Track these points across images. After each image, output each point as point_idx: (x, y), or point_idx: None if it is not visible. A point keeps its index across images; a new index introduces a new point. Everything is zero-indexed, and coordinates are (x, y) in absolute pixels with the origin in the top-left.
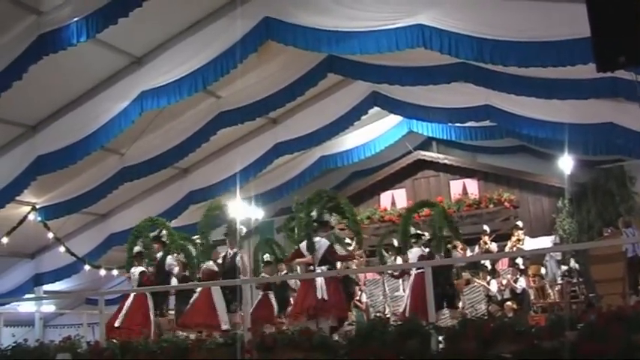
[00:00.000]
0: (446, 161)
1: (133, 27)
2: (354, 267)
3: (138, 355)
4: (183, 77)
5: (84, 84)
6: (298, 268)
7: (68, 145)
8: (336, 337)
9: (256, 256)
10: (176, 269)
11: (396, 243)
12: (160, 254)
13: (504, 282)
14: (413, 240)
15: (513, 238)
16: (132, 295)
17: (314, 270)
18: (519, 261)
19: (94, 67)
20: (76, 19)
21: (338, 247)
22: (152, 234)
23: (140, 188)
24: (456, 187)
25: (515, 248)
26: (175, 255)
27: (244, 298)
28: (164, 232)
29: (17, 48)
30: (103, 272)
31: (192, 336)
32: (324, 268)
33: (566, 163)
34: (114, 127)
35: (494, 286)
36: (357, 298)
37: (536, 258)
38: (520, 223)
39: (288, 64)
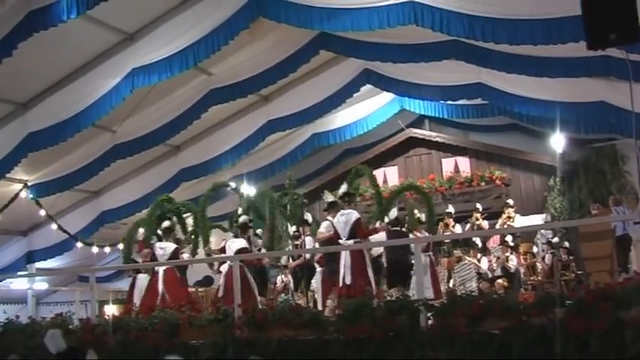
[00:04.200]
0: (438, 139)
1: (124, 3)
2: None
3: (129, 332)
4: (175, 54)
5: (75, 61)
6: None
7: (59, 122)
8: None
9: None
10: None
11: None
12: None
13: (495, 260)
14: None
15: (504, 216)
16: None
17: None
18: (509, 239)
19: (84, 43)
20: None
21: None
22: None
23: (132, 166)
24: (447, 164)
25: (505, 225)
26: None
27: (234, 274)
28: None
29: (7, 25)
30: (95, 249)
31: None
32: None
33: (557, 141)
34: (105, 104)
35: (484, 264)
36: None
37: (528, 236)
38: (511, 201)
39: (280, 41)
